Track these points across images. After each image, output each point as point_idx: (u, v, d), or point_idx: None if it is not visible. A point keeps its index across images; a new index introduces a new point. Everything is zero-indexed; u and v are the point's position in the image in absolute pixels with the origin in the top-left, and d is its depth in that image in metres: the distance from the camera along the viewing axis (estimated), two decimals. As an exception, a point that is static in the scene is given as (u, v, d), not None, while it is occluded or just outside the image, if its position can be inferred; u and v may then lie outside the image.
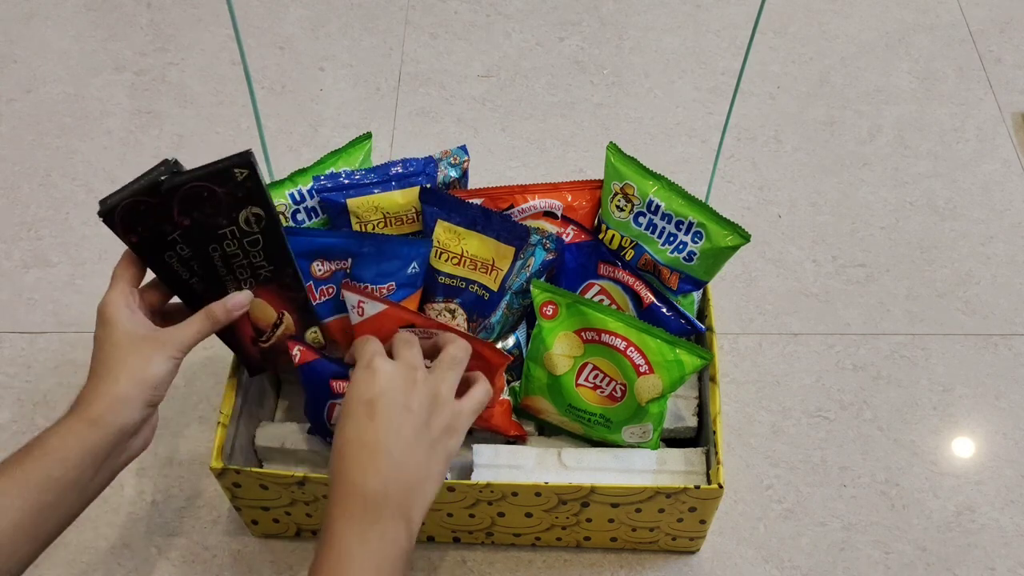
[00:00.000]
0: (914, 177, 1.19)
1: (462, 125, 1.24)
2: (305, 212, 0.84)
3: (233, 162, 0.68)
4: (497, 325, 0.85)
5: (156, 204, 0.69)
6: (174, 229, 0.71)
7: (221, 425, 0.81)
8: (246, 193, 0.70)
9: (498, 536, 0.88)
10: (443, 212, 0.82)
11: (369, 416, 0.63)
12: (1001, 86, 1.28)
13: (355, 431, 0.63)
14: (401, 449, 0.63)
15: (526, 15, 1.37)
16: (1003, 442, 0.97)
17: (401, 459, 0.62)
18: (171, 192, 0.68)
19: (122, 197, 0.68)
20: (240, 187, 0.70)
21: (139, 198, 0.68)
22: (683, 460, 0.83)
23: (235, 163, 0.68)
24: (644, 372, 0.80)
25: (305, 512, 0.85)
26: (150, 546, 0.91)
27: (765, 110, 1.26)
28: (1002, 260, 1.11)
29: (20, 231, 1.14)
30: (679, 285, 0.83)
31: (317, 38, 1.34)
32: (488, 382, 0.71)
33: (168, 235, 0.71)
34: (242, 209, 0.71)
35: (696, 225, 0.80)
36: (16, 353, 1.04)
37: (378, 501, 0.61)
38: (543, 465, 0.83)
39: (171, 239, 0.71)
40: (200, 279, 0.74)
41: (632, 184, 0.83)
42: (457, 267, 0.82)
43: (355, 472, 0.62)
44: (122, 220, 0.69)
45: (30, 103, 1.27)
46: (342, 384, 0.78)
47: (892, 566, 0.90)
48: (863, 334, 1.05)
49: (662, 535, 0.86)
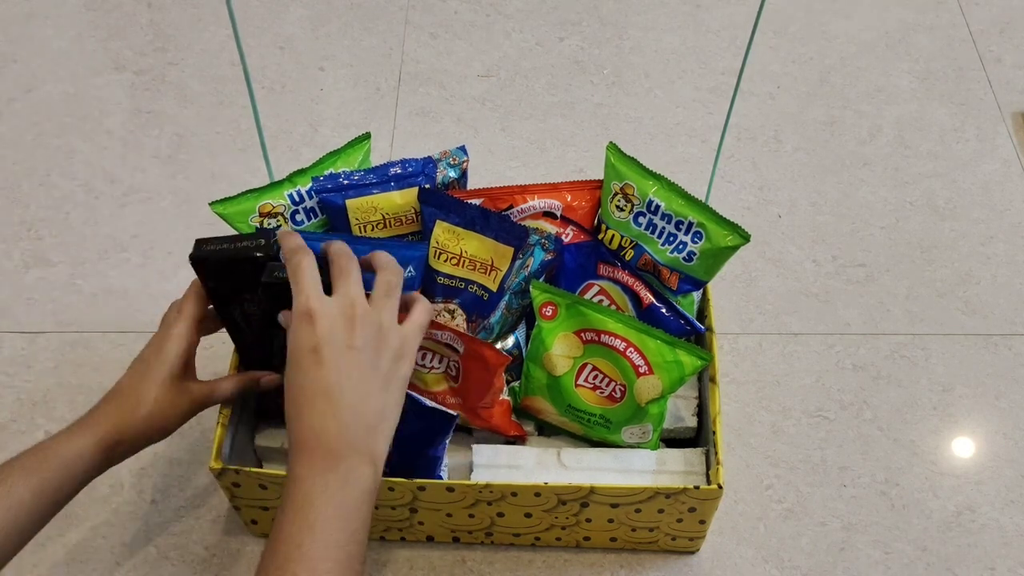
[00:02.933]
0: (914, 177, 1.19)
1: (462, 125, 1.24)
2: (304, 213, 0.84)
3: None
4: (496, 325, 0.85)
5: (245, 271, 0.73)
6: (250, 300, 0.75)
7: (221, 425, 0.81)
8: None
9: (498, 536, 0.88)
10: (442, 212, 0.82)
11: (317, 364, 0.62)
12: (1001, 86, 1.28)
13: (305, 379, 0.62)
14: (354, 389, 0.62)
15: (526, 15, 1.37)
16: (1003, 442, 0.97)
17: (356, 400, 0.62)
18: (266, 286, 0.71)
19: (218, 253, 0.73)
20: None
21: (231, 262, 0.73)
22: (683, 460, 0.83)
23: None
24: (644, 373, 0.80)
25: None
26: (150, 546, 0.91)
27: (765, 110, 1.26)
28: (1002, 260, 1.11)
29: (20, 231, 1.14)
30: (679, 285, 0.83)
31: (317, 38, 1.34)
32: (426, 300, 0.70)
33: (244, 294, 0.75)
34: None
35: (696, 225, 0.80)
36: (16, 353, 1.04)
37: (338, 445, 0.61)
38: (543, 465, 0.83)
39: (243, 297, 0.75)
40: (255, 336, 0.79)
41: (632, 184, 0.83)
42: (456, 267, 0.82)
43: (311, 419, 0.62)
44: (208, 272, 0.74)
45: (30, 103, 1.27)
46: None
47: (892, 566, 0.89)
48: (863, 334, 1.05)
49: (662, 535, 0.86)
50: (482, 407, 0.82)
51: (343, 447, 0.61)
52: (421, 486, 0.79)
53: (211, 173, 1.19)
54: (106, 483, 0.94)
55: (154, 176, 1.19)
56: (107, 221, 1.15)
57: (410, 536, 0.89)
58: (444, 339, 0.78)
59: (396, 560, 0.90)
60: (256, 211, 0.82)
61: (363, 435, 0.62)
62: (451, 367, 0.81)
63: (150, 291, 1.09)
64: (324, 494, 0.60)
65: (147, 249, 1.12)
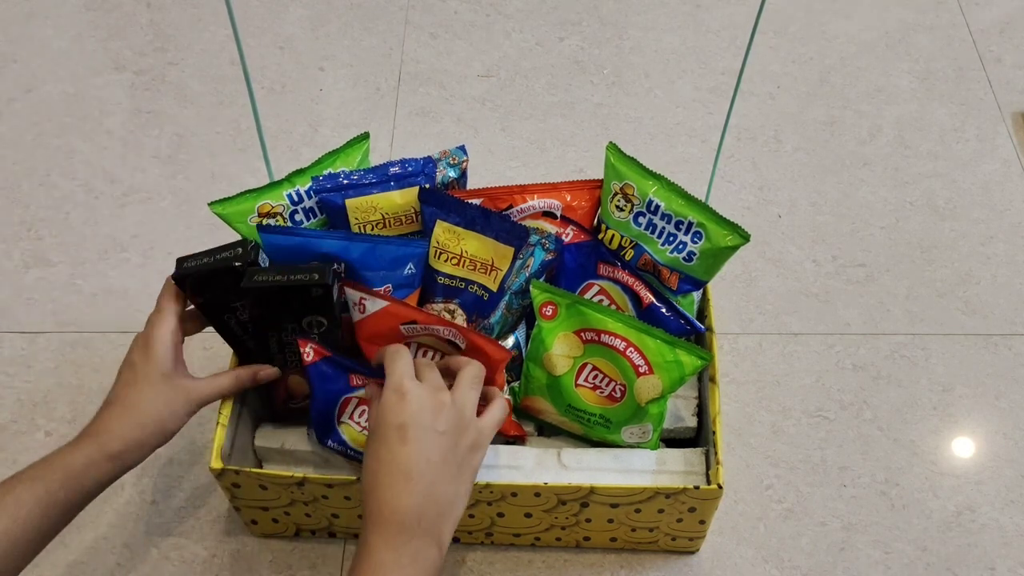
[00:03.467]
0: (914, 177, 1.19)
1: (462, 125, 1.24)
2: (303, 213, 0.84)
3: (314, 281, 0.73)
4: (496, 325, 0.85)
5: (227, 281, 0.75)
6: (240, 308, 0.77)
7: (220, 425, 0.81)
8: (316, 305, 0.75)
9: (498, 536, 0.88)
10: (442, 212, 0.82)
11: (401, 441, 0.65)
12: (1001, 86, 1.28)
13: (388, 454, 0.66)
14: (433, 472, 0.65)
15: (526, 15, 1.37)
16: (1003, 442, 0.97)
17: (433, 481, 0.65)
18: (247, 291, 0.74)
19: (198, 268, 0.75)
20: (312, 300, 0.75)
21: (211, 275, 0.75)
22: (683, 460, 0.83)
23: (315, 282, 0.73)
24: (644, 372, 0.80)
25: (304, 512, 0.85)
26: (150, 546, 0.91)
27: (765, 110, 1.26)
28: (1002, 260, 1.11)
29: (20, 231, 1.14)
30: (679, 285, 0.83)
31: (317, 38, 1.34)
32: (504, 398, 0.74)
33: (232, 303, 0.77)
34: (308, 315, 0.76)
35: (696, 225, 0.80)
36: (16, 353, 1.04)
37: (412, 522, 0.64)
38: (542, 465, 0.83)
39: (233, 306, 0.78)
40: (253, 341, 0.80)
41: (632, 184, 0.83)
42: (456, 267, 0.82)
43: (389, 494, 0.65)
44: (191, 288, 0.77)
45: (30, 103, 1.27)
46: (360, 379, 0.79)
47: (892, 566, 0.90)
48: (863, 334, 1.05)
49: (661, 535, 0.86)
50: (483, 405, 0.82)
51: (416, 526, 0.64)
52: None
53: (211, 173, 1.19)
54: (106, 483, 0.94)
55: (154, 176, 1.19)
56: (107, 221, 1.15)
57: (410, 536, 0.89)
58: (446, 335, 0.78)
59: (396, 560, 0.90)
60: (255, 211, 0.82)
61: (434, 518, 0.65)
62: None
63: (150, 291, 1.07)
64: (396, 565, 0.63)
65: (147, 249, 1.12)
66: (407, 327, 0.77)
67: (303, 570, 0.89)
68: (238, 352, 0.83)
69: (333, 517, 0.86)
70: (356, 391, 0.79)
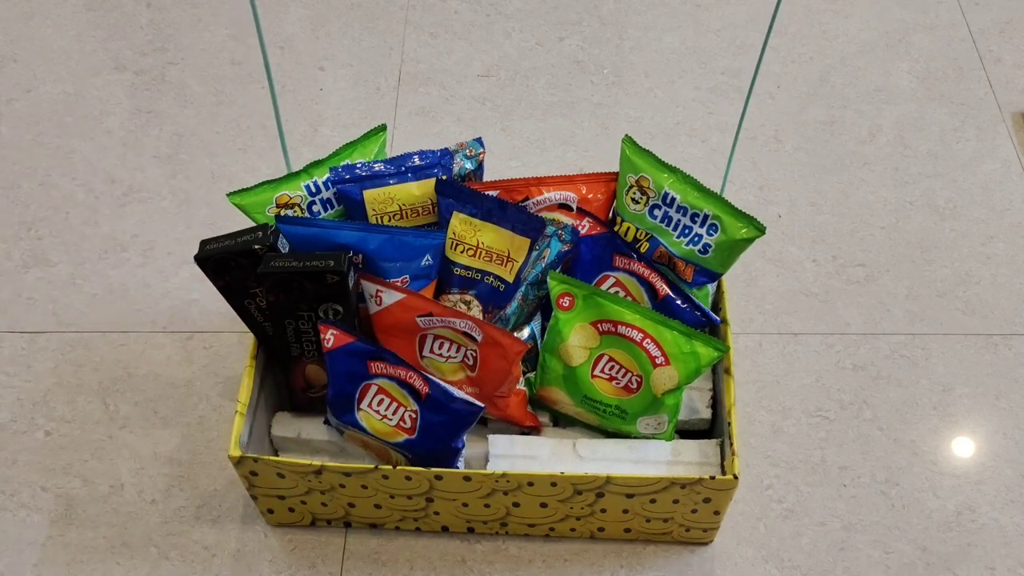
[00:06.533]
0: (914, 177, 1.19)
1: (462, 125, 1.24)
2: (321, 204, 0.85)
3: (329, 267, 0.75)
4: (512, 316, 0.85)
5: (246, 264, 0.77)
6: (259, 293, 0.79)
7: (239, 414, 0.81)
8: (332, 293, 0.77)
9: (512, 526, 0.88)
10: (459, 204, 0.82)
11: None
12: (1001, 86, 1.28)
13: None
14: None
15: (526, 15, 1.37)
16: (1003, 442, 0.97)
17: None
18: (264, 276, 0.76)
19: (219, 251, 0.77)
20: (328, 287, 0.76)
21: (231, 257, 0.77)
22: (698, 451, 0.83)
23: (331, 269, 0.75)
24: (660, 364, 0.80)
25: (320, 501, 0.86)
26: (150, 546, 0.91)
27: (765, 110, 1.26)
28: (1002, 260, 1.11)
29: (20, 231, 1.14)
30: (694, 277, 0.83)
31: (317, 38, 1.34)
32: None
33: (251, 288, 0.79)
34: (324, 303, 0.78)
35: (711, 218, 0.81)
36: (16, 353, 1.04)
37: None
38: (558, 456, 0.83)
39: (253, 292, 0.80)
40: (271, 326, 0.82)
41: (648, 177, 0.83)
42: (473, 258, 0.82)
43: None
44: (213, 269, 0.79)
45: (30, 103, 1.27)
46: (380, 365, 0.79)
47: (892, 566, 0.90)
48: (863, 334, 1.05)
49: (676, 526, 0.86)
50: (498, 396, 0.83)
51: None
52: (438, 475, 0.79)
53: (211, 173, 1.19)
54: (106, 483, 0.94)
55: (154, 176, 1.19)
56: (107, 221, 1.15)
57: (425, 526, 0.89)
58: (462, 327, 0.79)
59: (396, 560, 0.90)
60: (273, 202, 0.83)
61: None
62: (468, 356, 0.82)
63: (150, 291, 1.09)
64: None
65: (147, 249, 1.12)
66: (423, 319, 0.78)
67: (303, 569, 0.89)
68: (259, 339, 0.84)
69: (349, 507, 0.86)
70: (376, 379, 0.79)
